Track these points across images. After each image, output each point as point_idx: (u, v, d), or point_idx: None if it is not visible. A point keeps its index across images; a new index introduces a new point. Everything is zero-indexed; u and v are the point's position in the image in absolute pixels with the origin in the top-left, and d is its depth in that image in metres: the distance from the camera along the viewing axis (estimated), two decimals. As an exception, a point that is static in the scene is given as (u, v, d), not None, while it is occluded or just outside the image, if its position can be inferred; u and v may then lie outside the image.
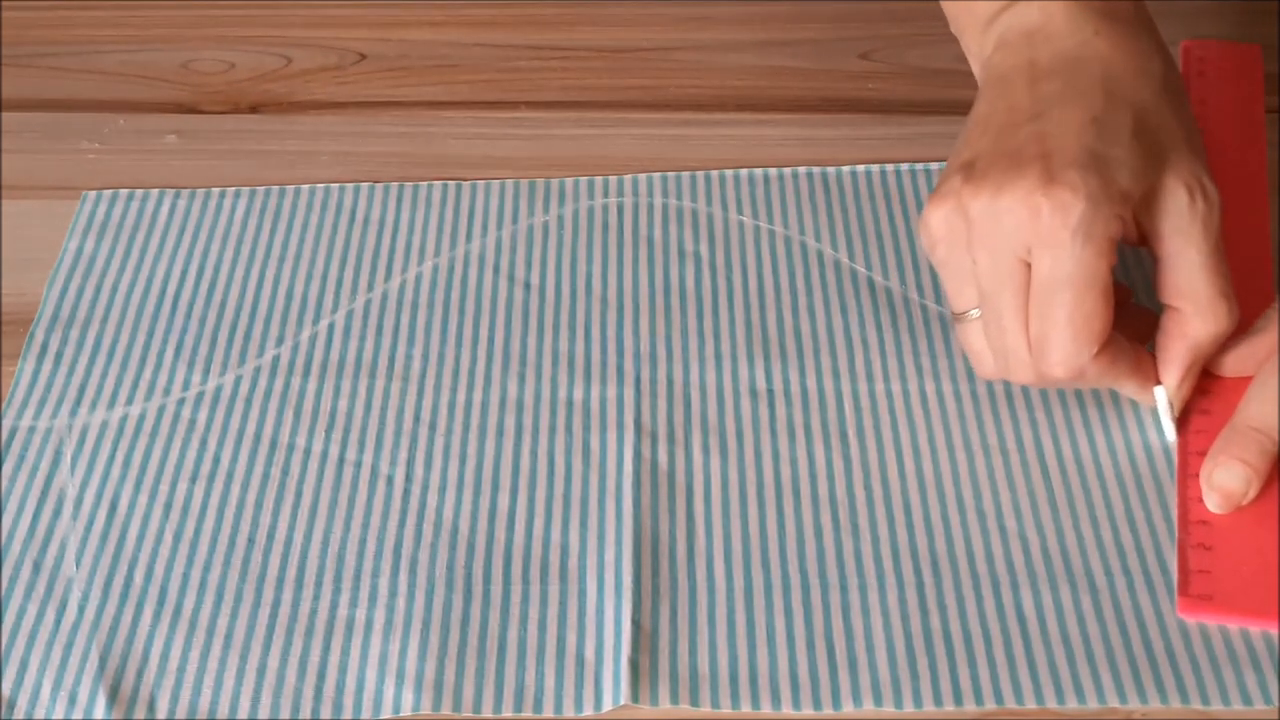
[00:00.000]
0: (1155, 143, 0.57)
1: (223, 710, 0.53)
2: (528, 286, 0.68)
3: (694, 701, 0.53)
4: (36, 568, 0.57)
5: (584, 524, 0.58)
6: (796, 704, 0.53)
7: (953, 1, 0.64)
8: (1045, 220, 0.55)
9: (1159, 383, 0.59)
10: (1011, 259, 0.56)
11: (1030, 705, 0.52)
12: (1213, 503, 0.57)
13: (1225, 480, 0.56)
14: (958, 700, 0.53)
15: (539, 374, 0.64)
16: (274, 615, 0.56)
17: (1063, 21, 0.59)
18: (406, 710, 0.53)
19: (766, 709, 0.53)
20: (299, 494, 0.60)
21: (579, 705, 0.53)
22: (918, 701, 0.53)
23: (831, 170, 0.73)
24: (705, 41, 0.82)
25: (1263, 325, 0.59)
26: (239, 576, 0.57)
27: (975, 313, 0.58)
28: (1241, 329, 0.59)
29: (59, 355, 0.65)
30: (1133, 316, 0.60)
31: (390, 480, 0.60)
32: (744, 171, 0.73)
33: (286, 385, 0.64)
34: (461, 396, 0.63)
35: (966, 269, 0.57)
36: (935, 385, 0.63)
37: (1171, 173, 0.57)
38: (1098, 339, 0.56)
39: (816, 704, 0.53)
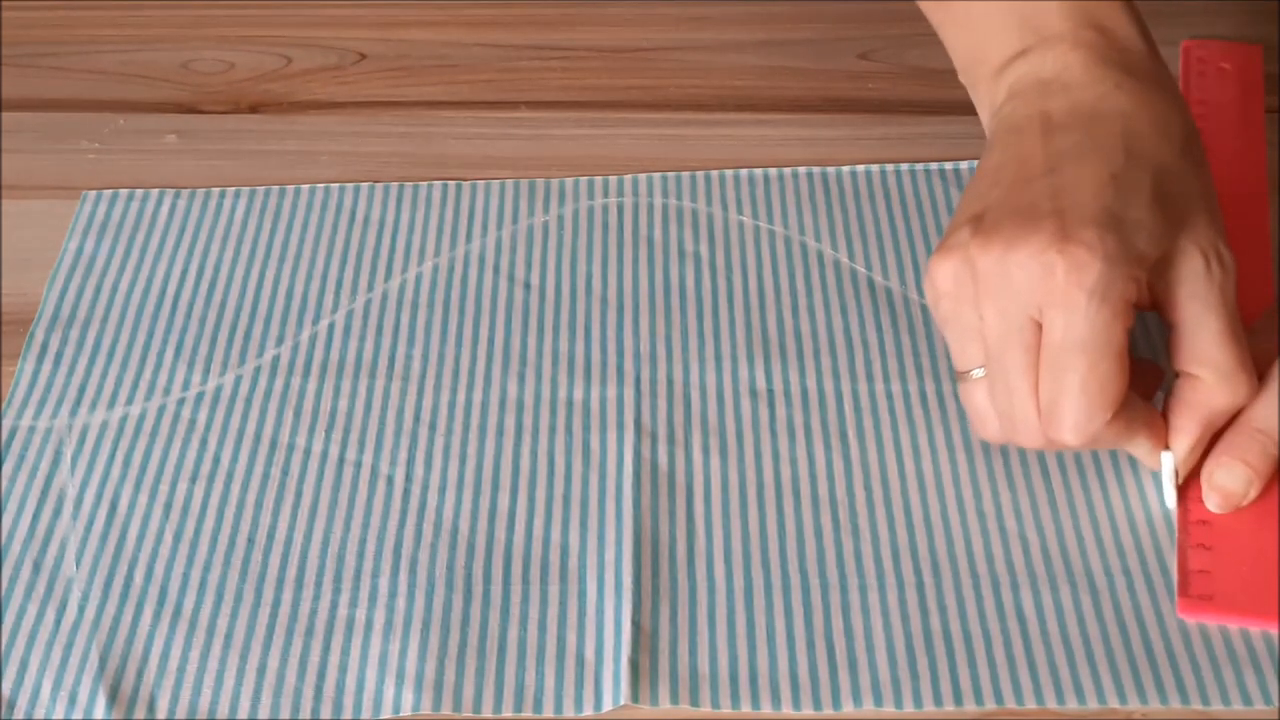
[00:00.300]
0: (1174, 206, 0.55)
1: (223, 710, 0.53)
2: (528, 286, 0.68)
3: (694, 701, 0.53)
4: (36, 568, 0.57)
5: (584, 524, 0.58)
6: (796, 704, 0.53)
7: (962, 50, 0.62)
8: (1060, 279, 0.52)
9: (1168, 445, 0.57)
10: (1022, 317, 0.54)
11: (1030, 705, 0.52)
12: (1213, 503, 0.57)
13: (1226, 481, 0.56)
14: (958, 700, 0.53)
15: (539, 374, 0.64)
16: (274, 615, 0.56)
17: (1080, 73, 0.57)
18: (406, 710, 0.53)
19: (766, 709, 0.53)
20: (299, 494, 0.60)
21: (579, 705, 0.53)
22: (918, 701, 0.53)
23: (831, 170, 0.73)
24: (705, 41, 0.82)
25: (1264, 326, 0.59)
26: (239, 576, 0.57)
27: (979, 372, 0.56)
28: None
29: (59, 355, 0.65)
30: (1135, 370, 0.57)
31: (390, 480, 0.60)
32: (744, 171, 0.73)
33: (286, 385, 0.64)
34: (461, 396, 0.63)
35: (972, 326, 0.55)
36: (935, 385, 0.63)
37: (1188, 238, 0.55)
38: (1112, 405, 0.53)
39: (816, 704, 0.53)
